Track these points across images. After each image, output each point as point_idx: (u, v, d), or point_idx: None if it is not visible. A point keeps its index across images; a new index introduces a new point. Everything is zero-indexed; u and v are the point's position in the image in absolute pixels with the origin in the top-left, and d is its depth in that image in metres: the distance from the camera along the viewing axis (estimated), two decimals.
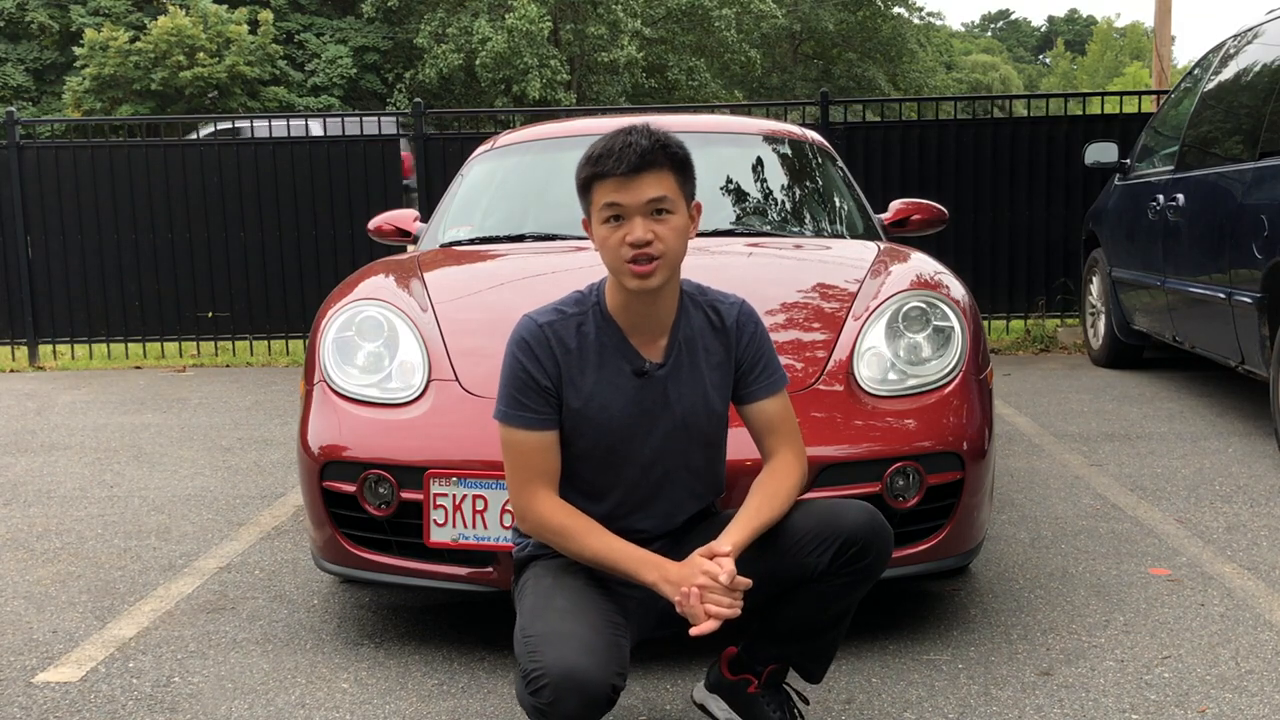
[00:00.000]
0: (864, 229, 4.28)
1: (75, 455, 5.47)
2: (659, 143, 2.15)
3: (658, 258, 2.13)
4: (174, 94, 24.98)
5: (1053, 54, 76.61)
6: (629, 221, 2.13)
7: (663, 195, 2.13)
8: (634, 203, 2.12)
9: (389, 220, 4.80)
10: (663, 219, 2.14)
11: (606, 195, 2.13)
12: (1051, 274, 8.44)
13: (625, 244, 2.12)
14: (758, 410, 2.30)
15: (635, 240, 2.12)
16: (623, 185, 2.12)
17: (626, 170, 2.11)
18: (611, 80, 28.70)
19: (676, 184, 2.16)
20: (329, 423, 3.02)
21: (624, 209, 2.13)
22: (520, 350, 2.21)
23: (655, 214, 2.13)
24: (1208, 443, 5.10)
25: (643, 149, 2.12)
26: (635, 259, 2.12)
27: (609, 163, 2.12)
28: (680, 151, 2.18)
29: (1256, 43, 5.66)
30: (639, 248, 2.12)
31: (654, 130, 2.17)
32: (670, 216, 2.15)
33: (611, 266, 2.18)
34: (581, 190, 2.19)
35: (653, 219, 2.13)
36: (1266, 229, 4.78)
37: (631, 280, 2.15)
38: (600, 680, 1.97)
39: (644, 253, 2.12)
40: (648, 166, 2.12)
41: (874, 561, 2.23)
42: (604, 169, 2.13)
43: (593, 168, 2.15)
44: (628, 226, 2.13)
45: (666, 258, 2.15)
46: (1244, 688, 2.67)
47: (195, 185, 8.50)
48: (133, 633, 3.17)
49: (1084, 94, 10.08)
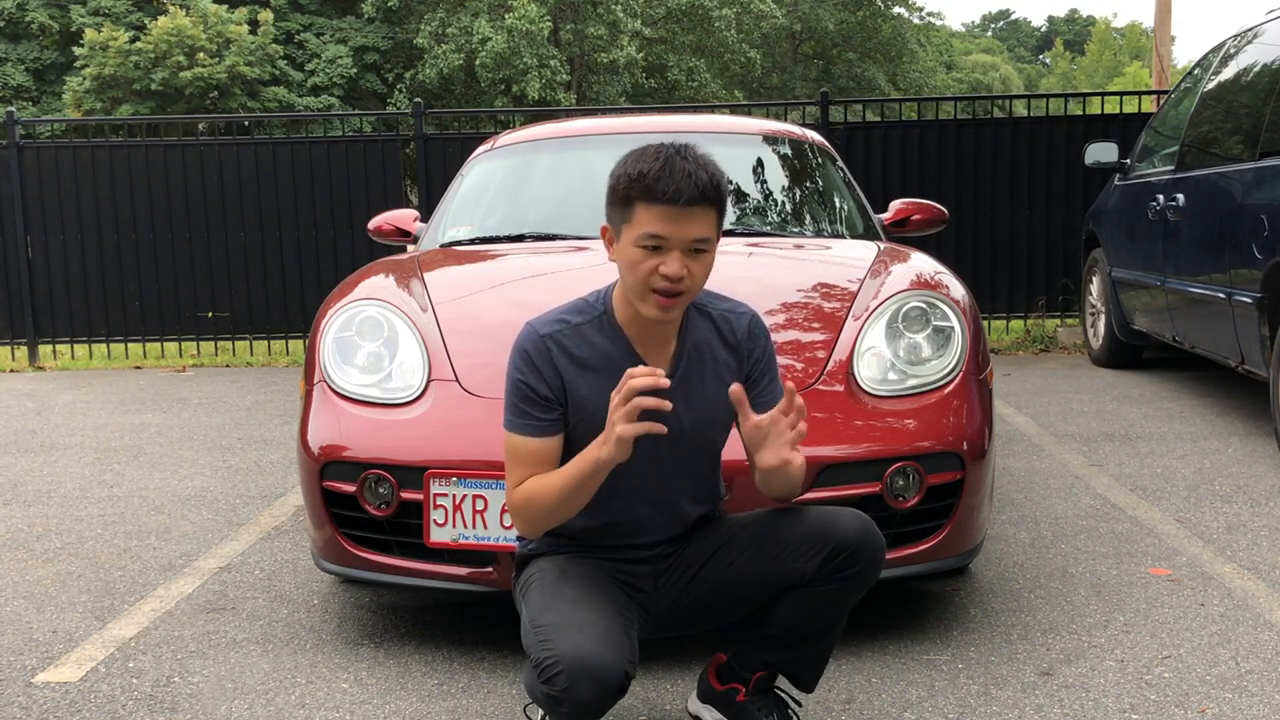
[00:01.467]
0: (864, 229, 4.28)
1: (75, 455, 5.47)
2: (716, 178, 2.08)
3: (684, 293, 2.10)
4: (174, 94, 24.99)
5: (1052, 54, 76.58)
6: (668, 254, 2.07)
7: (706, 236, 2.09)
8: (679, 237, 2.06)
9: (389, 220, 4.80)
10: (698, 257, 2.10)
11: (652, 223, 2.05)
12: (1051, 274, 8.44)
13: (658, 274, 2.07)
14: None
15: (671, 274, 2.07)
16: (673, 217, 2.05)
17: (684, 203, 2.05)
18: (611, 80, 28.70)
19: (717, 222, 2.12)
20: (329, 423, 3.02)
21: (667, 242, 2.07)
22: (521, 361, 2.20)
23: (694, 252, 2.09)
24: (1208, 443, 5.10)
25: (702, 185, 2.05)
26: (664, 291, 2.09)
27: (665, 187, 2.04)
28: (728, 187, 2.13)
29: (1256, 43, 5.66)
30: (671, 281, 2.08)
31: (708, 160, 2.10)
32: (705, 255, 2.11)
33: (634, 289, 2.12)
34: (620, 201, 2.11)
35: (690, 256, 2.09)
36: (1266, 229, 4.78)
37: (653, 310, 2.11)
38: (614, 666, 1.98)
39: (674, 288, 2.08)
40: (701, 203, 2.06)
41: (864, 569, 2.22)
42: (658, 193, 2.05)
43: (644, 186, 2.06)
44: (665, 259, 2.07)
45: (691, 292, 2.12)
46: (1244, 688, 2.67)
47: (195, 185, 8.51)
48: (133, 633, 3.17)
49: (1084, 94, 10.09)
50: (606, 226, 2.18)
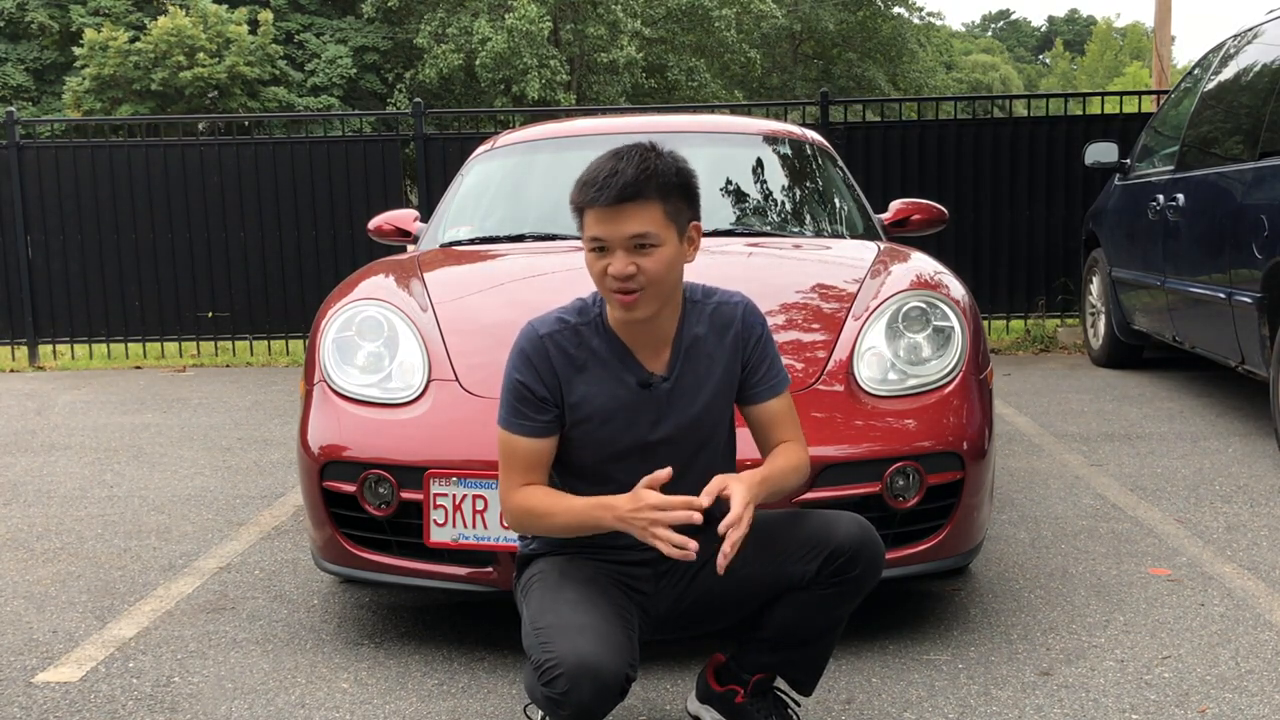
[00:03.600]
0: (864, 229, 4.28)
1: (75, 455, 5.47)
2: (646, 173, 2.09)
3: (640, 289, 2.11)
4: (174, 94, 24.98)
5: (1052, 54, 76.61)
6: (611, 254, 2.10)
7: (644, 231, 2.09)
8: (615, 236, 2.09)
9: (389, 220, 4.80)
10: (646, 252, 2.10)
11: (590, 226, 2.11)
12: (1051, 274, 8.44)
13: (608, 274, 2.11)
14: (762, 410, 2.30)
15: (616, 273, 2.10)
16: (604, 218, 2.09)
17: (607, 202, 2.08)
18: (611, 80, 28.70)
19: (664, 214, 2.11)
20: (329, 423, 3.02)
21: (605, 241, 2.10)
22: (519, 360, 2.21)
23: (638, 248, 2.10)
24: (1208, 443, 5.10)
25: (626, 181, 2.07)
26: (617, 290, 2.12)
27: (591, 192, 2.09)
28: (672, 179, 2.12)
29: (1256, 43, 5.66)
30: (620, 280, 2.10)
31: (649, 156, 2.11)
32: (655, 249, 2.10)
33: (601, 292, 2.18)
34: (574, 211, 2.16)
35: (635, 252, 2.10)
36: (1266, 229, 4.78)
37: (618, 309, 2.15)
38: (615, 669, 1.98)
39: (625, 285, 2.11)
40: (630, 199, 2.07)
41: (863, 573, 2.22)
42: (586, 198, 2.10)
43: (578, 194, 2.13)
44: (610, 258, 2.11)
45: (651, 289, 2.12)
46: (1244, 688, 2.67)
47: (195, 185, 8.51)
48: (133, 633, 3.17)
49: (1084, 94, 10.09)
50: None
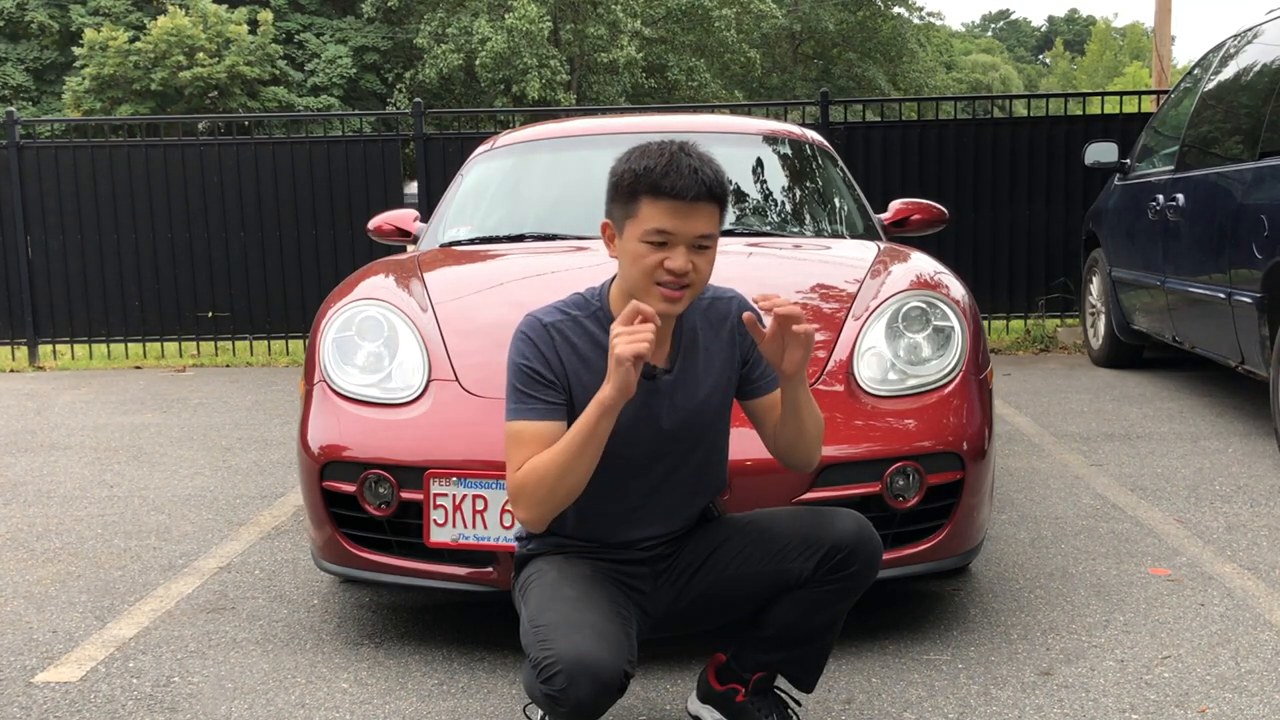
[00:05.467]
0: (864, 229, 4.28)
1: (75, 455, 5.47)
2: (719, 177, 2.11)
3: (688, 287, 2.12)
4: (174, 94, 25.01)
5: (1052, 54, 76.61)
6: (673, 249, 2.09)
7: (709, 232, 2.11)
8: (685, 232, 2.08)
9: (389, 220, 4.80)
10: (703, 253, 2.12)
11: (658, 218, 2.07)
12: (1051, 274, 8.44)
13: (663, 268, 2.09)
14: (764, 403, 2.31)
15: (676, 269, 2.08)
16: (679, 212, 2.07)
17: (690, 198, 2.07)
18: (611, 80, 28.71)
19: (720, 219, 2.15)
20: (329, 423, 3.02)
21: (673, 237, 2.08)
22: (524, 345, 2.17)
23: (699, 248, 2.11)
24: (1208, 443, 5.10)
25: (708, 181, 2.08)
26: (669, 285, 2.10)
27: (672, 183, 2.06)
28: (728, 186, 2.16)
29: (1256, 43, 5.66)
30: (677, 276, 2.09)
31: (709, 158, 2.13)
32: (708, 251, 2.13)
33: (638, 284, 2.12)
34: (624, 196, 2.12)
35: (694, 251, 2.10)
36: (1266, 229, 4.78)
37: (660, 303, 2.11)
38: (613, 666, 1.98)
39: (680, 281, 2.10)
40: (706, 199, 2.09)
41: (860, 570, 2.23)
42: (664, 188, 2.07)
43: (650, 181, 2.08)
44: (670, 253, 2.09)
45: (696, 288, 2.14)
46: (1244, 688, 2.67)
47: (195, 185, 8.50)
48: (133, 633, 3.17)
49: (1084, 94, 10.08)
50: (607, 223, 2.18)
